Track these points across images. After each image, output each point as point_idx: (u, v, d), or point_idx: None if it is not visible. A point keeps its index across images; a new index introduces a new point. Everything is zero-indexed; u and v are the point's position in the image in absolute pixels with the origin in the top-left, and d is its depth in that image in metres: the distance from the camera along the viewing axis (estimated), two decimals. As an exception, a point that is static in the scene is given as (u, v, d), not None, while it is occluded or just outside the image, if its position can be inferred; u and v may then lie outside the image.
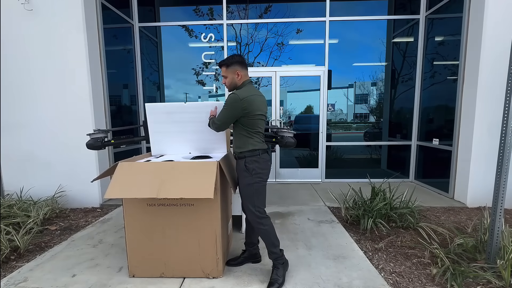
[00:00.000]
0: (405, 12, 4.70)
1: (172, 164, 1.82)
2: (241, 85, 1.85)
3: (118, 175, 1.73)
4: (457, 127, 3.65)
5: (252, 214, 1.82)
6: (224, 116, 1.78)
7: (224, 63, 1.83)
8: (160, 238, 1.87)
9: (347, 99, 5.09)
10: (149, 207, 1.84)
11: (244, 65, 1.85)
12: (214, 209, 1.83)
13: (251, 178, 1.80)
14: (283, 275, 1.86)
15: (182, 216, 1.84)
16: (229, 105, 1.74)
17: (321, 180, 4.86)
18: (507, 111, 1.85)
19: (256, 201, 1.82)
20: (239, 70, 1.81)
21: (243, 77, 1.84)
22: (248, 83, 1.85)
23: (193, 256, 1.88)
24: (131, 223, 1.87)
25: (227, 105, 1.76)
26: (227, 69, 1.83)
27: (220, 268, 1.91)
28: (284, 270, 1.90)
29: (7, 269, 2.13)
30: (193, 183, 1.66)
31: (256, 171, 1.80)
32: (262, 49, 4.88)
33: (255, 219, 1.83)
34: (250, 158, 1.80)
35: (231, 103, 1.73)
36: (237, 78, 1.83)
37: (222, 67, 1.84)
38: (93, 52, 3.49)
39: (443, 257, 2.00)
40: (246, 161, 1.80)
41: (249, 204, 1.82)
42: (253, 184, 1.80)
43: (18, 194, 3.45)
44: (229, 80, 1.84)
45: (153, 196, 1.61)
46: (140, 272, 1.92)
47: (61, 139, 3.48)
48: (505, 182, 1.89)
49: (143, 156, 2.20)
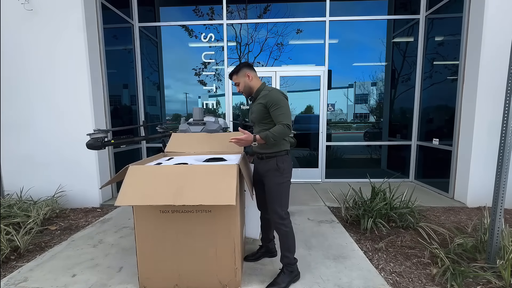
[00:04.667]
0: (405, 12, 4.70)
1: (188, 167, 1.67)
2: (260, 86, 1.85)
3: (130, 180, 1.59)
4: (457, 127, 3.65)
5: (277, 215, 1.80)
6: (287, 112, 1.72)
7: (233, 72, 1.87)
8: (174, 247, 1.74)
9: (347, 99, 5.09)
10: (162, 214, 1.71)
11: (252, 67, 1.88)
12: (233, 215, 1.70)
13: (282, 177, 1.80)
14: (287, 282, 1.81)
15: (198, 224, 1.71)
16: (280, 101, 1.71)
17: (321, 180, 4.86)
18: (507, 111, 1.85)
19: (284, 200, 1.82)
20: (248, 72, 1.84)
21: (254, 78, 1.86)
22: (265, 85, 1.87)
23: (209, 267, 1.75)
24: (142, 231, 1.73)
25: (279, 102, 1.70)
26: (237, 75, 1.85)
27: (239, 279, 1.78)
28: (290, 278, 1.84)
29: (7, 269, 2.13)
30: (213, 189, 1.52)
31: (287, 170, 1.81)
32: (262, 49, 4.89)
33: (278, 220, 1.80)
34: (281, 157, 1.81)
35: (280, 99, 1.71)
36: (248, 80, 1.84)
37: (233, 76, 1.87)
38: (93, 52, 3.49)
39: (443, 257, 2.00)
40: (277, 161, 1.79)
41: (276, 204, 1.79)
42: (283, 183, 1.80)
43: (18, 194, 3.45)
44: (242, 84, 1.86)
45: (170, 203, 1.47)
46: (151, 284, 1.78)
47: (61, 139, 3.48)
48: (505, 182, 1.89)
49: (153, 158, 2.10)
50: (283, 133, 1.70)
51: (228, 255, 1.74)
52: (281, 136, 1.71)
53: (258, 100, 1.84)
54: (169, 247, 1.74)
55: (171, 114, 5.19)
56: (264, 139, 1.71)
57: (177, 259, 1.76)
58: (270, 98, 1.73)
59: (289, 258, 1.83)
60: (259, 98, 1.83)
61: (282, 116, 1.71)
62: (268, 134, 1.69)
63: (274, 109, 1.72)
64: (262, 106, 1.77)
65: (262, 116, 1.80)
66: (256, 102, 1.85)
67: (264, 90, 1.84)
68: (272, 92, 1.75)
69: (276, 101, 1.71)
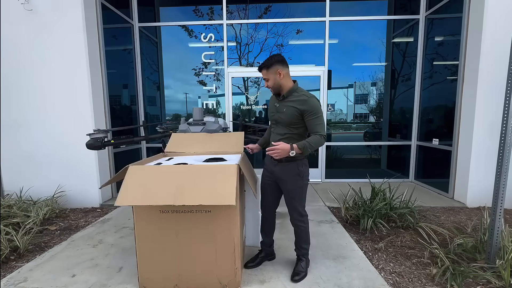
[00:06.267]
0: (405, 12, 4.70)
1: (188, 167, 1.67)
2: (293, 87, 1.78)
3: (130, 180, 1.58)
4: (457, 127, 3.66)
5: (298, 213, 1.89)
6: (323, 122, 1.75)
7: (263, 65, 1.76)
8: (174, 248, 1.74)
9: (347, 99, 5.09)
10: (162, 214, 1.71)
11: (285, 63, 1.78)
12: (233, 215, 1.70)
13: (302, 180, 1.84)
14: (306, 268, 1.98)
15: (198, 224, 1.71)
16: (319, 110, 1.72)
17: (321, 180, 4.86)
18: (507, 111, 1.85)
19: (303, 200, 1.90)
20: (280, 69, 1.74)
21: (285, 76, 1.77)
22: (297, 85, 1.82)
23: (209, 267, 1.75)
24: (142, 232, 1.73)
25: (318, 112, 1.71)
26: (267, 71, 1.76)
27: (239, 279, 1.79)
28: (308, 264, 2.02)
29: (7, 269, 2.13)
30: (213, 189, 1.52)
31: (306, 173, 1.85)
32: (262, 49, 4.89)
33: (299, 217, 1.89)
34: (301, 161, 1.82)
35: (319, 108, 1.72)
36: (279, 78, 1.75)
37: (263, 70, 1.78)
38: (93, 52, 3.49)
39: (443, 257, 2.00)
40: (298, 164, 1.81)
41: (297, 204, 1.87)
42: (303, 186, 1.86)
43: (18, 194, 3.45)
44: (272, 81, 1.77)
45: (170, 203, 1.47)
46: (151, 285, 1.78)
47: (60, 139, 3.48)
48: (505, 182, 1.89)
49: (153, 158, 2.10)
50: (319, 144, 1.71)
51: (228, 255, 1.74)
52: (317, 147, 1.72)
53: (290, 101, 1.76)
54: (169, 247, 1.74)
55: (171, 114, 5.19)
56: (301, 149, 1.67)
57: (177, 259, 1.75)
58: (310, 106, 1.69)
59: (306, 249, 1.99)
60: (291, 99, 1.76)
61: (320, 126, 1.71)
62: (306, 145, 1.66)
63: (312, 118, 1.71)
64: (296, 111, 1.73)
65: (293, 120, 1.76)
66: (287, 103, 1.77)
67: (297, 92, 1.78)
68: (311, 100, 1.71)
69: (316, 110, 1.70)
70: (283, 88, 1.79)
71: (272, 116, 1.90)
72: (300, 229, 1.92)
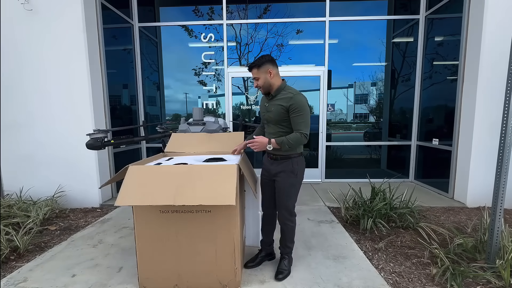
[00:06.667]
0: (405, 12, 4.70)
1: (188, 167, 1.66)
2: (281, 85, 1.81)
3: (129, 180, 1.58)
4: (457, 127, 3.66)
5: (287, 212, 1.88)
6: (307, 120, 1.73)
7: (254, 64, 1.78)
8: (174, 248, 1.74)
9: (347, 99, 5.09)
10: (162, 214, 1.71)
11: (275, 63, 1.82)
12: (233, 215, 1.70)
13: (296, 179, 1.84)
14: (289, 267, 2.00)
15: (198, 224, 1.71)
16: (303, 108, 1.71)
17: (321, 180, 4.86)
18: (507, 111, 1.85)
19: (294, 199, 1.89)
20: (270, 69, 1.77)
21: (276, 75, 1.80)
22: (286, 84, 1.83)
23: (209, 267, 1.75)
24: (142, 232, 1.73)
25: (302, 109, 1.70)
26: (258, 70, 1.78)
27: (239, 279, 1.79)
28: (291, 263, 2.03)
29: (7, 269, 2.12)
30: (213, 189, 1.52)
31: (300, 172, 1.85)
32: (262, 49, 4.88)
33: (288, 216, 1.89)
34: (296, 159, 1.82)
35: (304, 106, 1.71)
36: (269, 77, 1.78)
37: (253, 69, 1.79)
38: (93, 52, 3.49)
39: (443, 257, 2.00)
40: (293, 162, 1.81)
41: (289, 203, 1.87)
42: (296, 184, 1.86)
43: (18, 194, 3.44)
44: (262, 80, 1.79)
45: (169, 203, 1.47)
46: (151, 285, 1.78)
47: (60, 139, 3.48)
48: (505, 182, 1.89)
49: (153, 158, 2.11)
50: (299, 142, 1.73)
51: (228, 255, 1.74)
52: (296, 145, 1.75)
53: (277, 100, 1.79)
54: (169, 247, 1.74)
55: (171, 114, 5.19)
56: (279, 144, 1.72)
57: (177, 259, 1.76)
58: (295, 103, 1.70)
59: (290, 248, 2.00)
60: (279, 98, 1.79)
61: (302, 125, 1.72)
62: (284, 141, 1.70)
63: (296, 115, 1.71)
64: (282, 108, 1.74)
65: (280, 118, 1.78)
66: (275, 101, 1.80)
67: (285, 90, 1.80)
68: (297, 97, 1.72)
69: (299, 107, 1.70)
70: (273, 87, 1.82)
71: (263, 115, 1.93)
72: (288, 228, 1.92)
